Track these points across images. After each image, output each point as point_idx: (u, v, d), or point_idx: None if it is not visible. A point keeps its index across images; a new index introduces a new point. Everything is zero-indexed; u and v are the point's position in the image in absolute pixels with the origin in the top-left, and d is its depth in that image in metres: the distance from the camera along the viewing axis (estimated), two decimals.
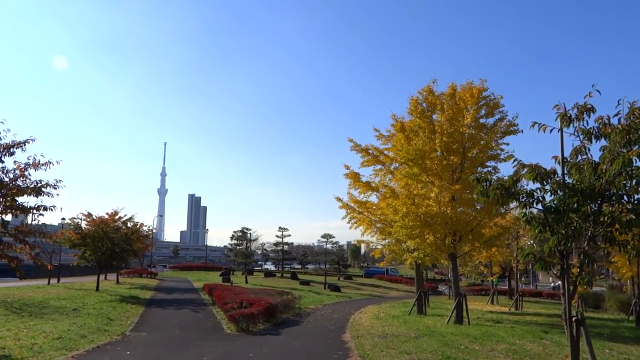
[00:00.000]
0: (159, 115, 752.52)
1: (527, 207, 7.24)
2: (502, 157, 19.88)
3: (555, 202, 7.05)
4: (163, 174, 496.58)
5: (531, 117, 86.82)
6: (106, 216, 33.38)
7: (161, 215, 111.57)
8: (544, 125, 7.26)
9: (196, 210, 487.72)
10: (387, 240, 25.10)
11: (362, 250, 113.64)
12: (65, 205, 22.02)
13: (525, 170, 7.38)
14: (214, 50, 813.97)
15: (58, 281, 37.55)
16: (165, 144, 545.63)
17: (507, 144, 19.93)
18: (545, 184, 7.35)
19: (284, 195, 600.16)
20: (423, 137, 19.04)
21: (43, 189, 14.06)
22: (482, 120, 19.78)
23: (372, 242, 25.82)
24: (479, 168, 20.19)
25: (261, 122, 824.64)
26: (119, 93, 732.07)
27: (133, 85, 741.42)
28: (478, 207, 19.71)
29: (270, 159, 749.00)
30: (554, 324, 20.93)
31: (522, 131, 19.49)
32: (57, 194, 14.18)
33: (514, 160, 7.47)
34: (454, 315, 19.30)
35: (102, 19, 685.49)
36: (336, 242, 62.15)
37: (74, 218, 30.35)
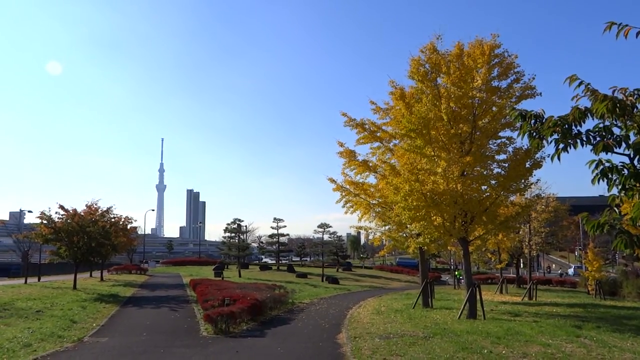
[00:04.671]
0: (157, 111, 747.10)
1: (608, 150, 4.68)
2: (518, 124, 17.20)
3: None
4: (161, 170, 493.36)
5: (549, 81, 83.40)
6: (84, 209, 30.89)
7: (153, 210, 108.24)
8: (626, 26, 4.72)
9: (195, 206, 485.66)
10: (387, 227, 22.58)
11: (362, 241, 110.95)
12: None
13: (594, 99, 4.82)
14: (212, 44, 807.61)
15: (39, 280, 35.10)
16: (162, 140, 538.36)
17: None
18: (626, 118, 4.81)
19: (285, 188, 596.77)
20: (427, 103, 16.38)
21: None
22: (494, 83, 17.10)
23: (370, 229, 23.27)
24: (491, 140, 17.58)
25: (261, 114, 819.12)
26: (118, 90, 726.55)
27: (132, 82, 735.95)
28: (493, 182, 17.12)
29: (270, 152, 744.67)
30: (579, 315, 18.45)
31: (540, 94, 16.81)
32: None
33: (579, 83, 4.91)
34: (467, 309, 16.81)
35: (101, 17, 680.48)
36: (334, 233, 59.45)
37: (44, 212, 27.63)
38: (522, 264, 44.61)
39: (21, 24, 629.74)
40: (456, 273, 46.02)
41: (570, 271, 72.06)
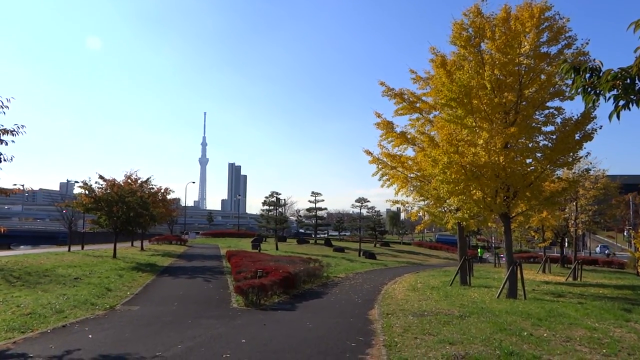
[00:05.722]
0: (201, 85, 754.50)
1: None
2: (567, 93, 16.02)
3: None
4: (204, 144, 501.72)
5: (601, 49, 79.11)
6: (123, 179, 31.37)
7: (194, 182, 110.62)
8: None
9: (236, 179, 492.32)
10: (425, 201, 21.85)
11: (402, 216, 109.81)
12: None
13: None
14: (255, 17, 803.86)
15: (82, 248, 36.05)
16: (205, 113, 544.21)
17: None
18: None
19: (325, 162, 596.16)
20: (469, 70, 15.42)
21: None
22: (543, 49, 15.88)
23: (407, 203, 22.55)
24: (538, 110, 16.44)
25: (302, 88, 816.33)
26: (163, 64, 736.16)
27: (176, 56, 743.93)
28: (538, 155, 16.09)
29: (311, 125, 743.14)
30: (629, 298, 17.40)
31: (594, 60, 15.46)
32: (13, 141, 11.70)
33: None
34: (506, 288, 16.04)
35: None
36: (372, 207, 58.81)
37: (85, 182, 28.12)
38: (567, 243, 43.09)
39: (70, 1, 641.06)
40: (479, 251, 44.72)
41: (597, 250, 70.15)
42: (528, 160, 16.39)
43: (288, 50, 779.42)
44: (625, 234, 71.04)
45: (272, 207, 53.34)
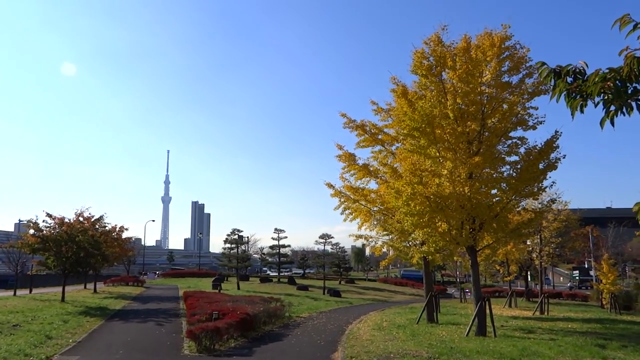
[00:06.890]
0: (162, 124, 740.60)
1: None
2: (530, 123, 15.85)
3: None
4: (167, 182, 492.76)
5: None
6: (73, 217, 29.71)
7: (154, 220, 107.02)
8: None
9: (200, 218, 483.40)
10: (389, 236, 21.20)
11: (367, 252, 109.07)
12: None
13: None
14: (215, 58, 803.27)
15: (30, 291, 33.88)
16: (168, 151, 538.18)
17: (536, 109, 15.80)
18: None
19: (289, 200, 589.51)
20: (431, 99, 15.07)
21: None
22: (504, 78, 15.78)
23: (371, 237, 21.84)
24: (501, 141, 16.22)
25: (263, 128, 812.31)
26: (123, 103, 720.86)
27: (137, 96, 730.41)
28: (503, 185, 15.73)
29: (273, 164, 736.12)
30: (598, 332, 16.96)
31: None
32: None
33: (634, 26, 3.61)
34: (475, 325, 15.34)
35: (107, 32, 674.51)
36: (336, 244, 57.79)
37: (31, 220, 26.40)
38: (529, 276, 43.16)
39: (27, 37, 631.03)
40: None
41: (569, 285, 71.19)
42: (493, 191, 16.08)
43: (246, 90, 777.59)
44: (586, 266, 72.21)
45: (234, 245, 51.72)
